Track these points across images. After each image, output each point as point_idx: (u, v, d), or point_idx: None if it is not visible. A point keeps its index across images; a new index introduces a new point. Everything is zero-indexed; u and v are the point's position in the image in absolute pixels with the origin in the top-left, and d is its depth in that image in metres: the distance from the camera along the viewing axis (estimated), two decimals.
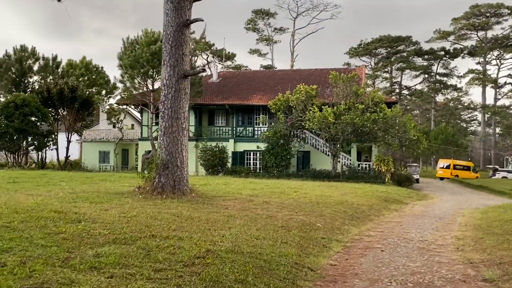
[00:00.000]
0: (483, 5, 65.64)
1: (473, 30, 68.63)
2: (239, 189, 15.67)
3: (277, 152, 31.56)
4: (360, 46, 76.57)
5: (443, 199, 23.72)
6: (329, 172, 30.61)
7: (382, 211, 15.12)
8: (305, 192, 16.30)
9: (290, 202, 13.11)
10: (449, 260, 7.53)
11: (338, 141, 30.08)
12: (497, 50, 68.99)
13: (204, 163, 32.14)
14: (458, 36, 70.03)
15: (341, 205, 13.90)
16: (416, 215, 15.05)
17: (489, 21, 66.31)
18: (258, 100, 34.93)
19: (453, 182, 44.05)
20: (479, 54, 69.79)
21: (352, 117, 28.23)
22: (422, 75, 77.90)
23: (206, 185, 16.69)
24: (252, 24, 66.76)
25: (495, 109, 68.37)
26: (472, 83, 69.52)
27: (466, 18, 67.24)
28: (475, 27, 67.59)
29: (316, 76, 38.05)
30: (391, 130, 29.41)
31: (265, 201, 12.77)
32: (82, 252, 5.17)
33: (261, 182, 21.20)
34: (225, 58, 58.01)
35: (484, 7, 65.64)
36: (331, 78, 31.20)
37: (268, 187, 17.37)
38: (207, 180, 20.29)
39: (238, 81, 38.91)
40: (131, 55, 30.91)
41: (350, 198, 16.05)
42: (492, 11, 66.01)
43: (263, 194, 14.67)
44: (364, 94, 30.55)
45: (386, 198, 18.67)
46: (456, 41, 71.01)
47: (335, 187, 20.51)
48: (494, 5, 65.00)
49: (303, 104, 30.58)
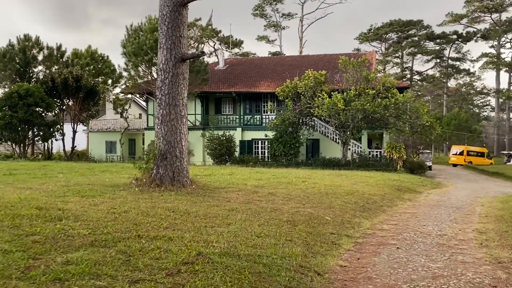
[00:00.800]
0: None
1: (487, 12, 66.61)
2: (244, 180, 14.92)
3: (286, 140, 30.76)
4: (370, 31, 74.96)
5: (458, 186, 22.79)
6: (339, 160, 29.77)
7: (395, 201, 14.29)
8: (313, 182, 15.52)
9: (298, 193, 12.34)
10: (474, 259, 6.71)
11: (348, 128, 29.15)
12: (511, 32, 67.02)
13: (211, 153, 31.43)
14: (471, 19, 68.09)
15: (351, 195, 13.10)
16: (431, 205, 14.20)
17: (503, 3, 64.26)
18: (265, 87, 34.04)
19: (467, 168, 42.92)
20: (492, 37, 67.87)
21: (363, 103, 27.26)
22: (434, 59, 76.20)
23: (210, 176, 15.97)
24: (260, 10, 65.48)
25: (510, 94, 66.59)
26: (485, 67, 67.70)
27: (480, 0, 65.25)
28: (488, 9, 65.58)
29: (325, 62, 37.00)
30: (403, 116, 28.39)
31: (271, 192, 12.01)
32: (49, 259, 4.46)
33: (268, 171, 20.45)
34: (232, 45, 57.01)
35: None
36: (341, 63, 30.18)
37: (275, 177, 16.60)
38: (212, 170, 19.58)
39: (245, 68, 38.00)
40: (135, 42, 30.17)
41: (361, 187, 15.23)
42: None
43: (269, 184, 13.91)
44: (375, 79, 29.51)
45: (398, 186, 17.82)
46: (469, 24, 69.09)
47: (345, 176, 19.69)
48: None
49: (312, 91, 29.65)
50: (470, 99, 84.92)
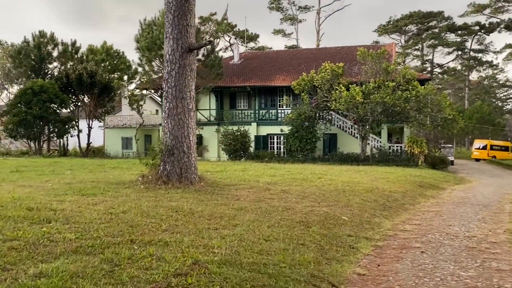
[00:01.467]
0: None
1: (511, 1, 64.41)
2: (257, 176, 14.28)
3: (302, 135, 29.97)
4: (389, 23, 73.25)
5: (483, 182, 21.76)
6: (357, 155, 28.88)
7: (418, 199, 13.48)
8: (330, 179, 14.79)
9: (313, 190, 11.65)
10: (510, 266, 5.95)
11: (367, 122, 28.22)
12: None
13: (225, 148, 30.86)
14: (495, 9, 65.88)
15: (370, 192, 12.34)
16: (456, 202, 13.35)
17: None
18: (281, 81, 33.28)
19: (491, 163, 41.49)
20: None
21: (382, 95, 26.30)
22: (455, 52, 74.15)
23: (221, 172, 15.37)
24: (276, 3, 64.54)
25: None
26: (510, 58, 65.54)
27: None
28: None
29: (343, 54, 36.02)
30: (425, 109, 27.33)
31: (284, 189, 11.35)
32: (21, 270, 3.89)
33: (283, 167, 19.76)
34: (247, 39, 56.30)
35: None
36: (359, 55, 29.21)
37: (289, 173, 15.92)
38: (224, 166, 18.99)
39: (260, 62, 37.28)
40: (148, 36, 29.72)
41: (381, 184, 14.44)
42: None
43: (283, 181, 13.23)
44: (395, 71, 28.48)
45: (420, 183, 16.95)
46: (493, 14, 66.91)
47: (364, 172, 18.89)
48: None
49: (329, 84, 28.77)
50: (492, 92, 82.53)
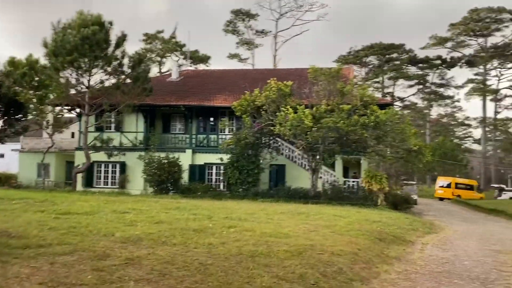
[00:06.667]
0: (482, 9, 60.13)
1: (473, 36, 62.91)
2: (125, 224, 9.03)
3: (243, 166, 24.98)
4: (349, 53, 70.67)
5: (458, 231, 17.19)
6: (307, 191, 24.15)
7: (376, 266, 8.52)
8: (247, 229, 9.75)
9: (198, 255, 6.55)
10: None
11: (318, 151, 23.62)
12: (497, 59, 63.40)
13: (148, 179, 25.45)
14: (456, 43, 64.30)
15: (299, 257, 7.37)
16: (435, 272, 8.50)
17: (490, 26, 60.73)
18: (222, 101, 28.41)
19: (457, 203, 37.61)
20: (478, 64, 64.06)
21: (335, 120, 21.82)
22: (416, 85, 72.08)
23: (78, 216, 10.01)
24: (232, 26, 60.61)
25: (496, 123, 62.51)
26: (472, 93, 63.57)
27: (465, 24, 61.67)
28: (474, 32, 61.95)
29: (295, 76, 31.47)
30: (385, 138, 22.98)
31: (137, 257, 6.17)
32: None
33: (198, 206, 14.59)
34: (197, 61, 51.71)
35: (484, 11, 60.12)
36: (311, 73, 24.99)
37: (189, 217, 10.77)
38: (112, 204, 13.59)
39: (201, 81, 32.42)
40: (58, 40, 24.42)
41: (322, 238, 9.48)
42: (492, 16, 60.48)
43: (159, 235, 8.04)
44: (351, 93, 24.24)
45: (380, 234, 12.07)
46: (454, 48, 65.27)
47: (306, 215, 13.97)
48: (495, 9, 59.52)
49: (275, 105, 24.15)
50: (451, 130, 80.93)
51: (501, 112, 65.27)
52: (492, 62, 63.69)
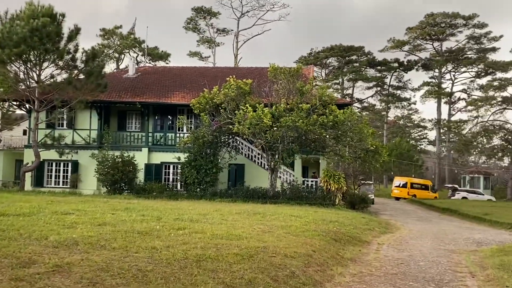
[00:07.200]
0: (438, 14, 61.85)
1: (429, 40, 64.64)
2: (54, 227, 8.33)
3: (200, 165, 24.38)
4: (310, 54, 71.22)
5: (413, 229, 17.31)
6: (266, 191, 23.82)
7: (330, 268, 8.22)
8: (199, 229, 9.27)
9: (137, 260, 6.00)
10: None
11: (277, 150, 23.34)
12: (451, 63, 65.40)
13: (101, 178, 24.42)
14: (413, 46, 65.90)
15: (250, 260, 6.95)
16: (390, 274, 8.29)
17: (445, 31, 62.54)
18: (180, 98, 27.68)
19: (412, 203, 38.38)
20: (433, 67, 65.91)
21: (295, 119, 21.59)
22: (374, 87, 73.49)
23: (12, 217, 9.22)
24: (193, 24, 59.66)
25: (450, 125, 64.43)
26: (427, 96, 65.28)
27: (421, 28, 63.26)
28: (430, 36, 63.63)
29: (256, 75, 31.24)
30: (344, 137, 22.98)
31: (68, 262, 5.57)
32: None
33: (149, 207, 13.92)
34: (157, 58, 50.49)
35: (439, 16, 61.85)
36: (271, 72, 24.62)
37: (136, 219, 10.16)
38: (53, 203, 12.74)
39: (160, 77, 31.54)
40: (5, 31, 23.00)
41: (275, 240, 9.10)
42: (447, 21, 62.33)
43: (98, 238, 7.42)
44: (310, 93, 24.11)
45: (336, 234, 11.84)
46: (411, 51, 66.87)
47: (262, 215, 13.59)
48: (449, 14, 61.32)
49: (234, 103, 23.70)
50: (408, 132, 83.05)
51: (455, 114, 67.42)
52: (446, 65, 65.61)
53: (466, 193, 44.16)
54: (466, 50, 64.07)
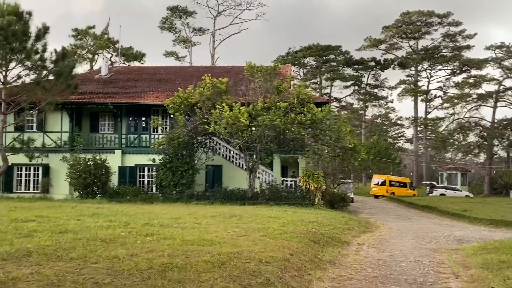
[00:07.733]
0: (413, 13, 62.37)
1: (405, 38, 65.12)
2: (9, 236, 7.67)
3: (176, 167, 23.68)
4: (288, 54, 71.00)
5: (393, 228, 17.04)
6: (245, 192, 23.29)
7: (308, 273, 7.76)
8: (169, 235, 8.71)
9: (95, 272, 5.43)
10: None
11: (255, 150, 22.86)
12: (427, 61, 66.01)
13: (73, 182, 23.53)
14: (390, 45, 66.30)
15: (222, 268, 6.43)
16: (370, 276, 7.89)
17: (420, 29, 63.09)
18: (154, 98, 26.95)
19: (391, 200, 38.43)
20: (410, 65, 66.44)
21: (272, 118, 21.15)
22: (352, 86, 73.73)
23: None
24: (168, 23, 58.74)
25: (426, 122, 65.02)
26: (404, 94, 65.74)
27: (397, 27, 63.71)
28: (406, 34, 64.10)
29: (233, 74, 30.65)
30: (322, 136, 22.66)
31: (15, 277, 4.98)
32: None
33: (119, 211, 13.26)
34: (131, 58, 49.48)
35: (415, 14, 62.37)
36: (247, 70, 24.14)
37: (103, 222, 9.53)
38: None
39: (133, 77, 30.71)
40: None
41: (251, 244, 8.60)
42: (423, 20, 62.89)
43: (56, 247, 6.79)
44: (288, 91, 23.73)
45: (315, 235, 11.42)
46: (387, 50, 67.27)
47: (239, 217, 13.09)
48: (425, 12, 61.89)
49: (210, 102, 23.13)
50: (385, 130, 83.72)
51: (432, 112, 68.03)
52: (422, 64, 66.17)
53: (444, 190, 44.52)
54: (442, 48, 64.75)
